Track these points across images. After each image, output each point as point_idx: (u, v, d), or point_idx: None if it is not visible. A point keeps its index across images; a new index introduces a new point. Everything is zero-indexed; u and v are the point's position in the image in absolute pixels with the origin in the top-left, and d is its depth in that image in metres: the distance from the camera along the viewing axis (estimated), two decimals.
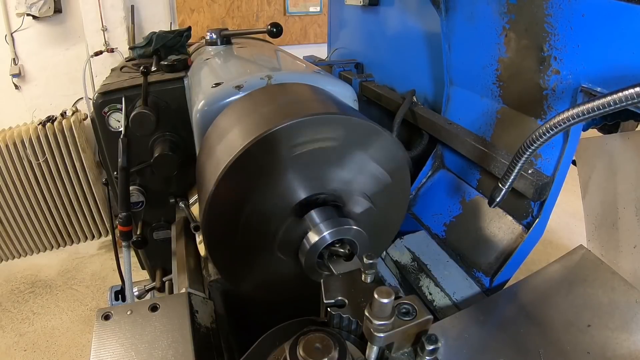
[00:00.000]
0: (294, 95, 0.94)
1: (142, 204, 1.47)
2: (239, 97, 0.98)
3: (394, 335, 0.57)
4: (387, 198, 0.91)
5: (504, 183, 0.94)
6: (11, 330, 2.88)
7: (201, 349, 0.84)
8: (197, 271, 1.24)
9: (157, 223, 1.60)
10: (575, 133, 0.97)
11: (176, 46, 1.71)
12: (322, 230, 0.76)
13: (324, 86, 1.04)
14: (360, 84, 1.82)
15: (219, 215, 0.77)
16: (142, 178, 1.46)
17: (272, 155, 0.75)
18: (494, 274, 1.11)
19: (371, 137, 0.82)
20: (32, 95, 3.46)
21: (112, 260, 3.53)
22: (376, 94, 1.70)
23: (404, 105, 1.46)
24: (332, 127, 0.78)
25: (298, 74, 1.11)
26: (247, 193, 0.77)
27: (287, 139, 0.74)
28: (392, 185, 0.90)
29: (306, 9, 4.21)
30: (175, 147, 1.35)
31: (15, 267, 3.46)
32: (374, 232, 0.87)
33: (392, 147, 0.85)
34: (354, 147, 0.81)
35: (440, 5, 1.26)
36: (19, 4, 3.03)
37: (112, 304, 1.64)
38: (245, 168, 0.74)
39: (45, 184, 3.17)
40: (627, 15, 0.78)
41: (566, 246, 3.31)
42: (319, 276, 0.80)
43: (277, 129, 0.73)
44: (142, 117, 1.25)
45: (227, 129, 0.87)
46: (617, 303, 0.92)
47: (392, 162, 0.87)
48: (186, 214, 1.40)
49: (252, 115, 0.86)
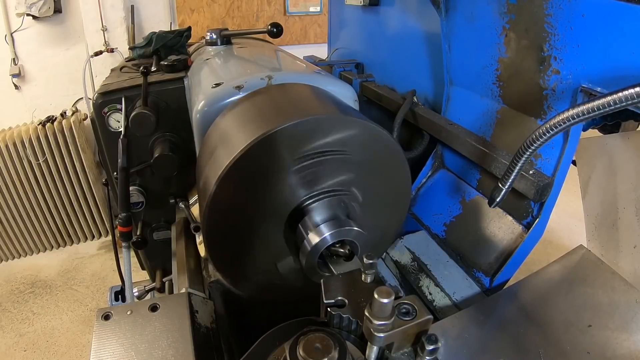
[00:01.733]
0: (295, 95, 0.94)
1: (142, 205, 1.46)
2: (239, 98, 0.97)
3: (394, 335, 0.57)
4: (387, 199, 0.91)
5: (504, 183, 0.94)
6: (11, 330, 2.88)
7: (201, 349, 0.84)
8: (197, 272, 1.24)
9: (157, 223, 1.60)
10: (575, 133, 0.97)
11: (176, 46, 1.70)
12: (323, 231, 0.76)
13: (324, 86, 1.04)
14: (360, 84, 1.81)
15: (220, 216, 0.77)
16: (142, 178, 1.45)
17: (272, 156, 0.75)
18: (494, 274, 1.11)
19: (372, 138, 0.82)
20: (32, 95, 3.46)
21: (112, 261, 3.52)
22: (376, 94, 1.70)
23: (404, 106, 1.46)
24: (333, 127, 0.77)
25: (298, 74, 1.11)
26: (248, 194, 0.76)
27: (287, 140, 0.74)
28: (392, 187, 0.90)
29: (306, 9, 4.21)
30: (175, 147, 1.34)
31: (15, 268, 3.47)
32: (374, 233, 0.87)
33: (392, 148, 0.85)
34: (354, 148, 0.81)
35: (440, 5, 1.26)
36: (19, 4, 3.03)
37: (112, 305, 1.63)
38: (245, 169, 0.74)
39: (45, 184, 3.17)
40: (627, 15, 0.78)
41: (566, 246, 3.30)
42: (319, 277, 0.80)
43: (278, 129, 0.73)
44: (142, 117, 1.25)
45: (227, 129, 0.87)
46: (617, 303, 0.92)
47: (392, 164, 0.87)
48: (186, 215, 1.39)
49: (253, 116, 0.85)
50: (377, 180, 0.87)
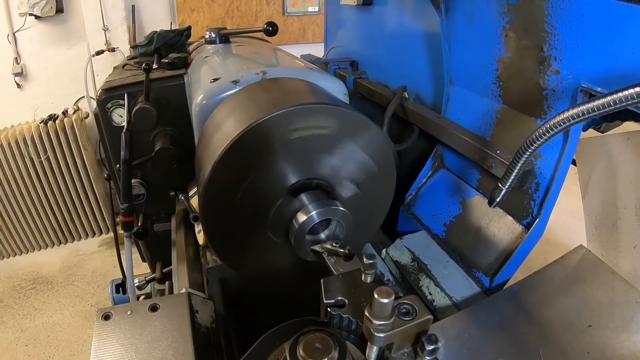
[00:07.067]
0: (287, 88, 0.98)
1: (143, 197, 1.51)
2: (235, 91, 1.02)
3: (394, 335, 0.57)
4: (373, 185, 0.95)
5: (504, 183, 0.94)
6: (13, 325, 2.91)
7: (201, 349, 0.84)
8: (195, 259, 1.30)
9: (158, 216, 1.66)
10: (575, 133, 0.97)
11: (176, 45, 1.75)
12: (310, 210, 0.80)
13: (317, 81, 1.08)
14: (354, 81, 1.88)
15: (216, 197, 0.81)
16: (143, 172, 1.51)
17: (264, 142, 0.79)
18: (494, 274, 1.11)
19: (357, 127, 0.86)
20: (34, 94, 3.49)
21: (113, 257, 3.57)
22: (369, 91, 1.76)
23: (394, 100, 1.51)
24: (321, 116, 0.82)
25: (292, 69, 1.15)
26: (241, 177, 0.80)
27: (278, 127, 0.79)
28: (377, 173, 0.94)
29: (305, 9, 4.24)
30: (175, 141, 1.40)
31: (17, 264, 3.49)
32: (360, 217, 0.91)
33: (377, 136, 0.89)
34: (341, 135, 0.85)
35: (440, 6, 1.26)
36: (22, 3, 3.06)
37: (113, 297, 1.69)
38: (239, 153, 0.78)
39: (47, 182, 3.20)
40: (627, 15, 0.78)
41: (563, 244, 3.32)
42: (307, 255, 0.84)
43: (269, 117, 0.77)
44: (144, 111, 1.31)
45: (223, 119, 0.91)
46: (617, 303, 0.92)
47: (377, 151, 0.91)
48: (186, 206, 1.45)
49: (247, 106, 0.90)
50: (363, 166, 0.91)
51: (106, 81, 1.51)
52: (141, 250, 1.83)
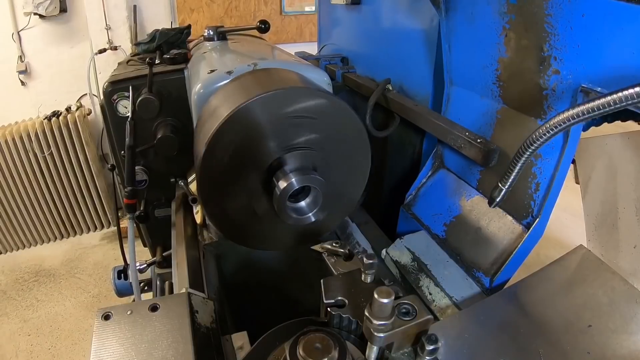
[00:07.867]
0: (275, 77, 1.09)
1: (145, 182, 1.64)
2: (229, 80, 1.12)
3: (394, 335, 0.57)
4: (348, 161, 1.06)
5: (504, 183, 0.94)
6: (16, 316, 2.95)
7: (201, 349, 0.84)
8: (193, 237, 1.42)
9: (159, 201, 1.79)
10: (575, 133, 0.97)
11: (177, 42, 1.83)
12: (290, 177, 0.90)
13: (302, 72, 1.19)
14: (342, 75, 2.00)
15: (211, 171, 0.91)
16: (145, 160, 1.63)
17: (251, 121, 0.90)
18: (494, 274, 1.11)
19: (335, 109, 0.97)
20: (38, 91, 3.55)
21: (114, 250, 3.63)
22: (356, 84, 1.88)
23: (377, 91, 1.62)
24: (302, 98, 0.93)
25: (280, 62, 1.25)
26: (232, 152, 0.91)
27: (263, 108, 0.90)
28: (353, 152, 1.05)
29: (302, 8, 4.32)
30: (175, 130, 1.51)
31: (20, 258, 3.54)
32: (337, 189, 1.05)
33: (352, 119, 1.00)
34: (320, 116, 0.95)
35: (440, 5, 1.26)
36: (26, 3, 3.12)
37: (115, 283, 1.79)
38: (229, 132, 0.89)
39: (50, 177, 3.25)
40: (627, 15, 0.78)
41: (558, 240, 3.33)
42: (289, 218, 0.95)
43: (255, 99, 0.88)
44: (148, 102, 1.44)
45: (217, 105, 1.02)
46: (617, 303, 0.92)
47: (352, 132, 1.01)
48: (185, 190, 1.58)
49: (239, 91, 1.01)
50: (340, 145, 1.01)
51: (112, 75, 1.62)
52: (143, 236, 1.94)
